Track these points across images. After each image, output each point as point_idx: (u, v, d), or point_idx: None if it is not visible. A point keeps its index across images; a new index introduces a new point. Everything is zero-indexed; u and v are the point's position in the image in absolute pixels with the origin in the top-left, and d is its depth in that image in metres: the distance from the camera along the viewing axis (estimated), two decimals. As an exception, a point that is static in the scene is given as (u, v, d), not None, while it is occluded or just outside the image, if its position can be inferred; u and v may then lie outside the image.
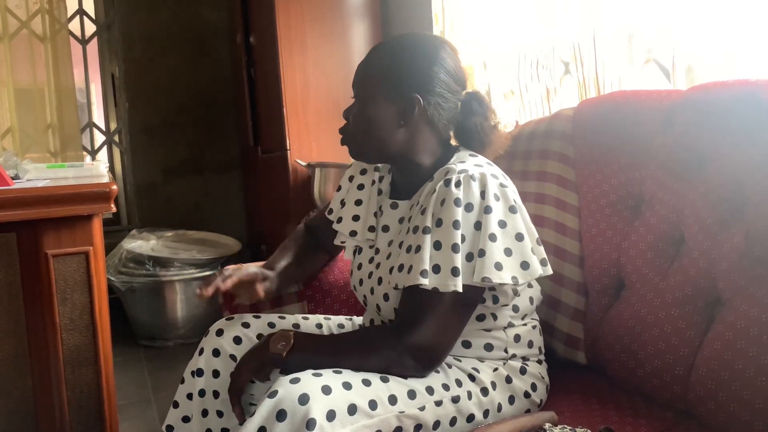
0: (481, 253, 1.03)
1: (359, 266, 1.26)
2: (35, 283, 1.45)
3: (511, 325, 1.15)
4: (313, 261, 1.45)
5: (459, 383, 1.08)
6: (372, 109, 1.14)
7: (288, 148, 2.67)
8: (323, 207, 1.41)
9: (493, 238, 1.03)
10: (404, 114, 1.13)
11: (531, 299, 1.19)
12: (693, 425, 1.09)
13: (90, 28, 3.50)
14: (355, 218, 1.27)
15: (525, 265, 1.05)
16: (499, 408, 1.10)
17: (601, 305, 1.31)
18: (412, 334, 1.03)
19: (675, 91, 1.28)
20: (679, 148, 1.20)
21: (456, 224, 1.03)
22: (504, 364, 1.14)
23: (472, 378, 1.10)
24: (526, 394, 1.14)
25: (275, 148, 2.81)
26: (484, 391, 1.09)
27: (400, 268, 1.09)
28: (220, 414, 1.21)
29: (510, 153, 1.55)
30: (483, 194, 1.05)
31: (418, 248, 1.05)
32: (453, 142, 1.21)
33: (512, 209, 1.07)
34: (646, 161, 1.26)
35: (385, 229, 1.22)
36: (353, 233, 1.26)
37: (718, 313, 1.10)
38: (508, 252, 1.04)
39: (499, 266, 1.02)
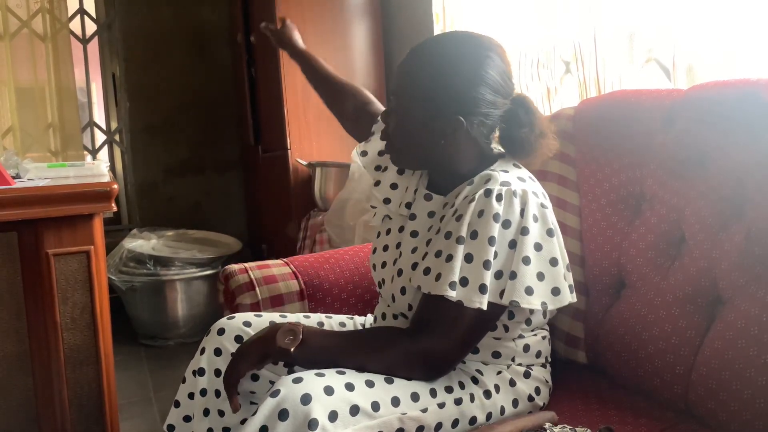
0: (513, 275, 1.01)
1: (385, 248, 1.23)
2: (36, 283, 1.45)
3: (521, 336, 1.14)
4: (341, 100, 1.45)
5: (462, 386, 1.08)
6: (411, 124, 1.10)
7: (289, 147, 2.67)
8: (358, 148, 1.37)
9: (527, 261, 1.01)
10: (445, 133, 1.08)
11: (545, 314, 1.16)
12: (693, 424, 1.09)
13: (91, 27, 3.50)
14: (393, 186, 1.24)
15: (556, 291, 1.04)
16: (502, 411, 1.10)
17: (601, 304, 1.31)
18: (426, 341, 1.03)
19: (675, 91, 1.28)
20: (679, 148, 1.20)
21: (491, 240, 1.01)
22: (508, 367, 1.13)
23: (475, 381, 1.09)
24: (530, 398, 1.13)
25: (276, 148, 2.81)
26: (487, 394, 1.09)
27: (426, 271, 1.06)
28: (221, 413, 1.21)
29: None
30: (522, 213, 1.02)
31: (450, 257, 1.02)
32: (497, 148, 1.17)
33: (550, 232, 1.05)
34: (647, 160, 1.26)
35: (412, 217, 1.19)
36: (387, 201, 1.23)
37: (718, 312, 1.10)
38: (540, 276, 1.02)
39: (529, 291, 1.01)
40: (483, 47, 1.09)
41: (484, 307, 1.00)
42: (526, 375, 1.14)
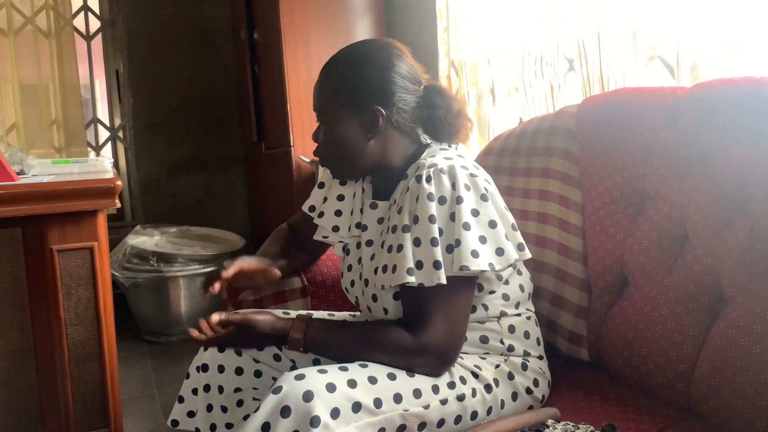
0: (457, 242, 1.04)
1: (349, 268, 1.27)
2: (40, 278, 1.45)
3: (504, 314, 1.16)
4: (296, 259, 1.44)
5: (464, 381, 1.08)
6: (338, 129, 1.16)
7: (291, 144, 2.67)
8: (304, 206, 1.41)
9: (467, 227, 1.04)
10: (370, 127, 1.14)
11: (521, 287, 1.19)
12: (696, 422, 1.09)
13: (94, 24, 3.51)
14: (338, 213, 1.28)
15: (500, 252, 1.06)
16: (502, 405, 1.11)
17: (604, 302, 1.31)
18: (422, 333, 1.04)
19: (679, 89, 1.27)
20: (683, 146, 1.20)
21: (432, 219, 1.05)
22: (505, 360, 1.14)
23: (475, 375, 1.10)
24: (528, 390, 1.14)
25: (279, 144, 2.82)
26: (488, 388, 1.10)
27: (384, 268, 1.10)
28: (224, 409, 1.22)
29: (514, 150, 1.55)
30: (454, 185, 1.06)
31: (400, 247, 1.06)
32: (423, 137, 1.22)
33: (483, 197, 1.07)
34: (650, 158, 1.26)
35: (364, 228, 1.23)
36: (335, 228, 1.27)
37: (721, 310, 1.10)
38: (482, 239, 1.05)
39: (475, 254, 1.03)
40: (386, 45, 1.19)
41: (443, 281, 1.02)
42: (524, 367, 1.15)
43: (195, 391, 1.23)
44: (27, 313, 1.46)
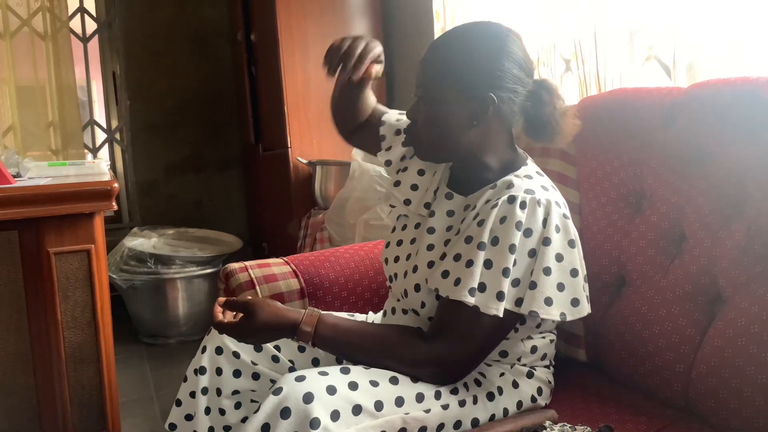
0: (533, 285, 1.01)
1: (399, 242, 1.22)
2: (37, 281, 1.45)
3: (530, 338, 1.14)
4: (365, 105, 1.36)
5: (467, 387, 1.07)
6: (443, 111, 1.08)
7: (289, 145, 2.67)
8: (384, 143, 1.32)
9: (547, 271, 1.01)
10: (478, 115, 1.08)
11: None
12: (693, 422, 1.09)
13: (91, 25, 3.50)
14: (414, 187, 1.23)
15: (575, 302, 1.03)
16: (505, 413, 1.09)
17: (601, 302, 1.31)
18: (442, 348, 1.03)
19: (676, 89, 1.28)
20: (680, 146, 1.20)
21: (512, 248, 1.00)
22: (511, 367, 1.13)
23: (478, 383, 1.09)
24: (533, 398, 1.13)
25: (276, 146, 2.82)
26: (491, 396, 1.09)
27: (445, 274, 1.06)
28: (222, 412, 1.21)
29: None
30: (545, 222, 1.02)
31: (470, 263, 1.02)
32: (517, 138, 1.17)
33: (571, 243, 1.04)
34: (647, 158, 1.26)
35: (431, 214, 1.19)
36: (407, 202, 1.22)
37: (718, 310, 1.10)
38: (560, 287, 1.02)
39: (549, 301, 1.01)
40: (503, 29, 1.11)
41: (500, 314, 1.00)
42: (529, 375, 1.14)
43: (193, 394, 1.23)
44: (24, 316, 1.45)
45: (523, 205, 1.02)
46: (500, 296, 1.00)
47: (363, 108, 1.36)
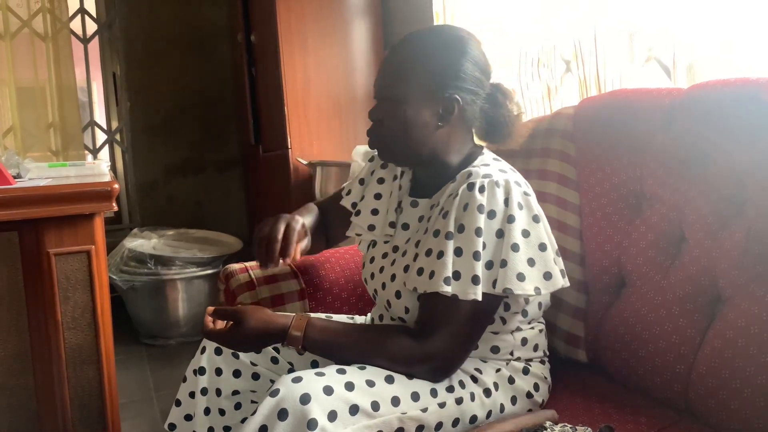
0: (503, 263, 1.02)
1: (371, 260, 1.24)
2: (37, 282, 1.45)
3: (519, 329, 1.15)
4: (317, 240, 1.39)
5: (462, 384, 1.08)
6: (409, 111, 1.10)
7: (289, 146, 2.67)
8: (335, 193, 1.37)
9: (516, 248, 1.02)
10: (443, 115, 1.11)
11: (540, 305, 1.18)
12: (693, 423, 1.09)
13: (91, 27, 3.51)
14: (374, 212, 1.25)
15: (548, 276, 1.04)
16: (502, 409, 1.10)
17: (601, 303, 1.31)
18: (429, 343, 1.03)
19: (676, 90, 1.28)
20: (679, 147, 1.20)
21: (478, 231, 1.02)
22: (507, 364, 1.14)
23: (474, 379, 1.09)
24: (529, 395, 1.14)
25: (276, 147, 2.82)
26: (487, 392, 1.09)
27: (420, 271, 1.07)
28: (222, 412, 1.22)
29: (510, 151, 1.55)
30: (507, 202, 1.04)
31: (441, 254, 1.04)
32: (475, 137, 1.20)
33: (535, 219, 1.05)
34: (647, 159, 1.26)
35: (405, 227, 1.20)
36: (371, 227, 1.24)
37: (718, 311, 1.10)
38: (531, 262, 1.03)
39: (521, 277, 1.01)
40: (464, 32, 1.16)
41: (479, 297, 1.01)
42: (525, 371, 1.14)
43: (192, 395, 1.23)
44: (24, 317, 1.45)
45: (482, 189, 1.04)
46: (475, 280, 1.01)
47: (327, 231, 1.39)
